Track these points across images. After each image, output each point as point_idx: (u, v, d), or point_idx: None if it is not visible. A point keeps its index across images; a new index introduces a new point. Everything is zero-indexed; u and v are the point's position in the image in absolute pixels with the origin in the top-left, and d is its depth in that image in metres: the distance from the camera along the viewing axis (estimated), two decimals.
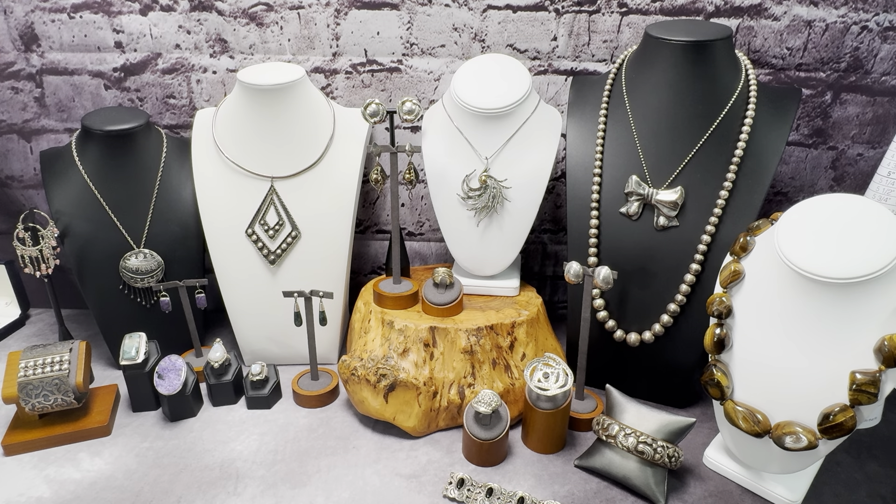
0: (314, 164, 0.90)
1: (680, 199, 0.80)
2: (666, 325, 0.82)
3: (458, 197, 0.89)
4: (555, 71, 0.98)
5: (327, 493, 0.72)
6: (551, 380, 0.77)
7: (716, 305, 0.70)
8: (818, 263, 0.61)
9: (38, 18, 0.97)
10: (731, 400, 0.69)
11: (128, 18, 0.97)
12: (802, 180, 1.03)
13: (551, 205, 1.08)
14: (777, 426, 0.65)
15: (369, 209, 1.09)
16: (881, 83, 0.95)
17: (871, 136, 0.99)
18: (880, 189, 0.81)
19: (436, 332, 0.83)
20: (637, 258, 0.83)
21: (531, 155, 0.88)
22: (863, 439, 0.82)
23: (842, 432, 0.61)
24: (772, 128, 0.81)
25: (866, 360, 0.60)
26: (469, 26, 0.96)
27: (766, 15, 0.92)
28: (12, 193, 1.09)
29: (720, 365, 0.70)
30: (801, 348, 0.64)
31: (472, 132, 0.88)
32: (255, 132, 0.88)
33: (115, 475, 0.76)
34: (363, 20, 0.96)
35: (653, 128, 0.83)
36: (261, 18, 0.97)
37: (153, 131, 0.93)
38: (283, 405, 0.89)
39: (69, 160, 0.90)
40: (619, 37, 0.95)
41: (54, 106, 1.03)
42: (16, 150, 1.06)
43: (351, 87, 1.01)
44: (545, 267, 1.13)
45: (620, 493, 0.74)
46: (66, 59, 0.99)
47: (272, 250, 0.90)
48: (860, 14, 0.91)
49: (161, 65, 1.00)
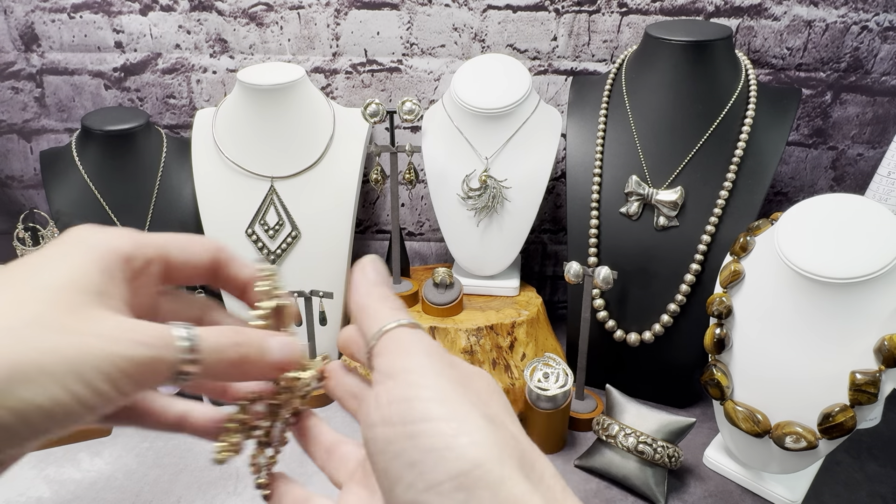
0: (314, 164, 0.90)
1: (680, 199, 0.80)
2: (666, 325, 0.82)
3: (458, 197, 0.89)
4: (555, 71, 0.98)
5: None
6: (551, 380, 0.77)
7: (716, 305, 0.70)
8: (818, 263, 0.61)
9: (38, 18, 0.97)
10: (731, 400, 0.69)
11: (128, 18, 0.97)
12: (802, 180, 1.03)
13: (551, 205, 1.08)
14: (777, 426, 0.65)
15: (369, 209, 1.09)
16: (881, 83, 0.95)
17: (871, 136, 0.99)
18: (880, 189, 0.81)
19: (436, 332, 0.83)
20: (637, 258, 0.83)
21: (531, 155, 0.88)
22: (863, 439, 0.82)
23: (842, 432, 0.61)
24: (772, 128, 0.81)
25: (866, 360, 0.60)
26: (469, 26, 0.96)
27: (766, 15, 0.92)
28: (12, 193, 1.09)
29: (720, 365, 0.70)
30: (801, 348, 0.64)
31: (472, 132, 0.88)
32: (255, 132, 0.88)
33: (115, 475, 0.76)
34: (363, 20, 0.96)
35: (653, 128, 0.83)
36: (261, 18, 0.97)
37: (153, 131, 0.93)
38: None
39: (69, 160, 0.90)
40: (619, 37, 0.95)
41: (54, 106, 1.03)
42: (16, 151, 1.06)
43: (351, 87, 1.01)
44: (545, 267, 1.13)
45: (620, 493, 0.74)
46: (67, 59, 0.99)
47: (272, 250, 0.90)
48: (860, 14, 0.91)
49: (161, 65, 1.00)
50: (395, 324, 0.26)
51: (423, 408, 0.23)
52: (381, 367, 0.25)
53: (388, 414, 0.23)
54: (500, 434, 0.22)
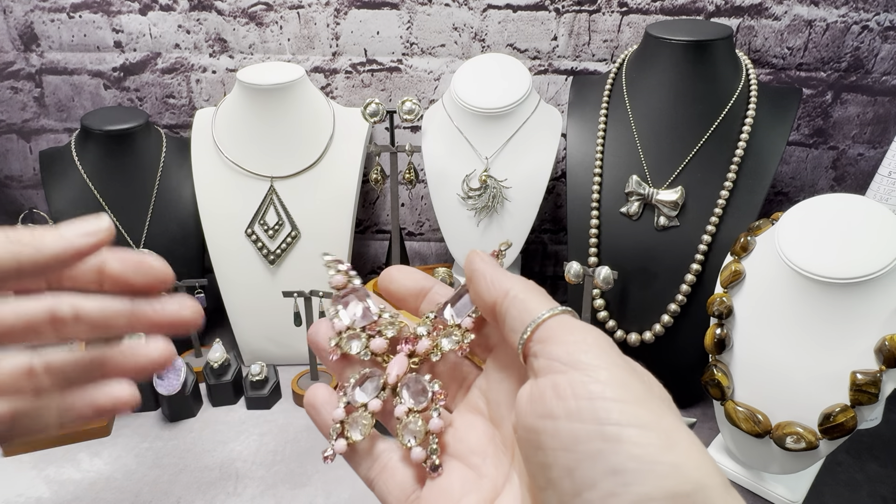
0: (314, 163, 0.90)
1: (680, 198, 0.80)
2: (666, 325, 0.82)
3: (458, 197, 0.89)
4: (555, 70, 0.98)
5: (327, 494, 0.72)
6: None
7: (716, 305, 0.70)
8: (819, 263, 0.61)
9: (37, 18, 0.96)
10: (731, 400, 0.69)
11: (127, 18, 0.96)
12: (803, 180, 1.03)
13: (551, 205, 1.08)
14: (778, 426, 0.65)
15: (369, 209, 1.09)
16: (882, 83, 0.95)
17: (871, 135, 0.99)
18: (881, 189, 0.81)
19: None
20: (637, 258, 0.83)
21: (531, 155, 0.88)
22: (863, 440, 0.82)
23: (842, 433, 0.61)
24: (772, 127, 0.81)
25: (867, 360, 0.60)
26: (469, 26, 0.96)
27: (766, 14, 0.92)
28: (11, 193, 1.09)
29: (721, 365, 0.70)
30: (801, 348, 0.64)
31: (473, 132, 0.87)
32: (254, 132, 0.88)
33: (115, 475, 0.76)
34: (363, 20, 0.96)
35: (653, 127, 0.83)
36: (260, 18, 0.96)
37: (153, 131, 0.93)
38: (283, 405, 0.89)
39: (68, 160, 0.90)
40: (620, 36, 0.95)
41: (54, 106, 1.03)
42: (15, 150, 1.06)
43: (351, 87, 1.01)
44: (545, 267, 1.13)
45: None
46: (66, 58, 0.99)
47: (272, 250, 0.90)
48: (861, 14, 0.91)
49: (160, 64, 1.00)
50: (559, 310, 0.24)
51: (622, 410, 0.21)
52: (556, 355, 0.23)
53: (576, 408, 0.21)
54: (708, 454, 0.21)
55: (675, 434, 0.20)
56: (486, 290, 0.27)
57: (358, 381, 0.30)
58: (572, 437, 0.21)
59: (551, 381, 0.22)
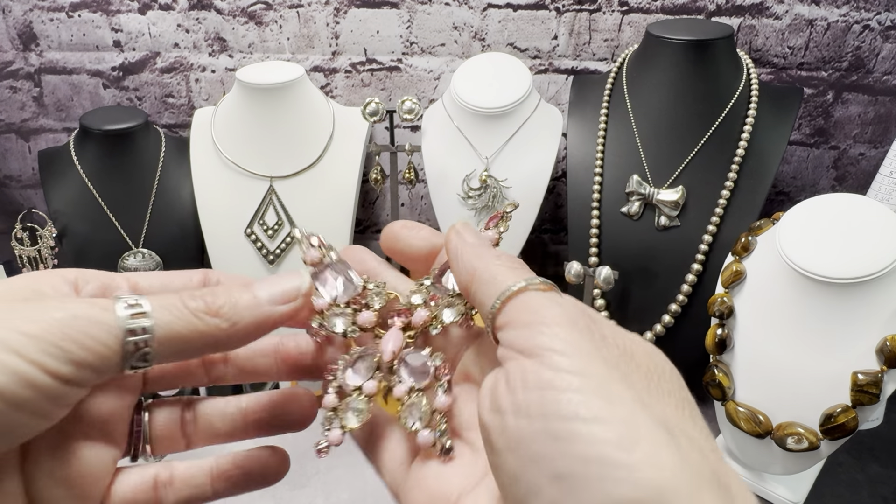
0: (313, 163, 0.89)
1: (681, 198, 0.80)
2: (667, 325, 0.82)
3: (459, 197, 0.89)
4: (555, 70, 0.98)
5: (326, 494, 0.72)
6: None
7: (717, 306, 0.70)
8: (820, 263, 0.61)
9: (36, 17, 0.96)
10: (732, 401, 0.69)
11: (126, 17, 0.96)
12: (804, 180, 1.03)
13: (552, 204, 1.07)
14: (779, 427, 0.65)
15: (369, 209, 1.09)
16: (883, 82, 0.95)
17: (872, 135, 0.99)
18: (882, 189, 0.81)
19: None
20: (638, 258, 0.83)
21: (532, 154, 0.87)
22: (864, 440, 0.82)
23: (844, 433, 0.60)
24: (773, 127, 0.80)
25: (868, 360, 0.60)
26: (469, 25, 0.95)
27: (767, 14, 0.92)
28: (10, 193, 1.09)
29: (721, 365, 0.70)
30: (802, 349, 0.64)
31: (473, 131, 0.87)
32: (253, 131, 0.88)
33: None
34: (363, 19, 0.96)
35: (654, 127, 0.82)
36: (260, 17, 0.96)
37: (152, 131, 0.93)
38: None
39: (67, 160, 0.89)
40: (620, 36, 0.95)
41: (53, 105, 1.02)
42: (14, 150, 1.06)
43: (350, 86, 1.01)
44: (546, 267, 1.13)
45: None
46: (65, 58, 0.99)
47: (271, 250, 0.90)
48: (862, 13, 0.90)
49: (160, 64, 1.00)
50: (524, 283, 0.21)
51: (575, 402, 0.17)
52: (512, 341, 0.20)
53: (524, 402, 0.18)
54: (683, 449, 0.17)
55: (638, 427, 0.17)
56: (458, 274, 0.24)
57: (349, 361, 0.27)
58: (518, 437, 0.18)
59: (504, 371, 0.20)
